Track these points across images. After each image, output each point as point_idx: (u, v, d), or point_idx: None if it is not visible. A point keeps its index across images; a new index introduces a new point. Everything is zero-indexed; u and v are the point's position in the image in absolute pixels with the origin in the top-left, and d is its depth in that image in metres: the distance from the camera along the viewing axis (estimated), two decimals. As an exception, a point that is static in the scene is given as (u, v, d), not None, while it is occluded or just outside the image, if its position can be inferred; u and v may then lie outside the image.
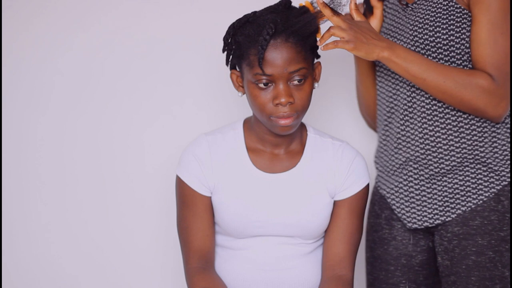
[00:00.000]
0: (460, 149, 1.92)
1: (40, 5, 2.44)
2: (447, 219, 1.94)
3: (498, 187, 1.92)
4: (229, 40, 1.93)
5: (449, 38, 1.89)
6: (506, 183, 1.92)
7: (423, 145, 1.94)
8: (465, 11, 1.88)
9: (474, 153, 1.92)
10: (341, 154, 2.01)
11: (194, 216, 1.99)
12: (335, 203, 2.01)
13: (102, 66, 2.45)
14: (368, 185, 2.03)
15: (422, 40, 1.91)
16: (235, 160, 1.99)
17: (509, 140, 1.94)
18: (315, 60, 1.96)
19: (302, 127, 2.04)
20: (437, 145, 1.93)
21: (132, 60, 2.44)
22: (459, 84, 1.84)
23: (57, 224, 2.48)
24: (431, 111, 1.94)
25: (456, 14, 1.89)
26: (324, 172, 2.00)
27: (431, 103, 1.94)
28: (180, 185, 2.01)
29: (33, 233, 2.48)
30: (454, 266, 1.94)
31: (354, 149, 2.04)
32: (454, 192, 1.94)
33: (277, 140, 1.99)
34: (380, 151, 2.09)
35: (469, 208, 1.92)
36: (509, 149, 1.94)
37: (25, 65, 2.45)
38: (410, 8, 1.96)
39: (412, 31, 1.93)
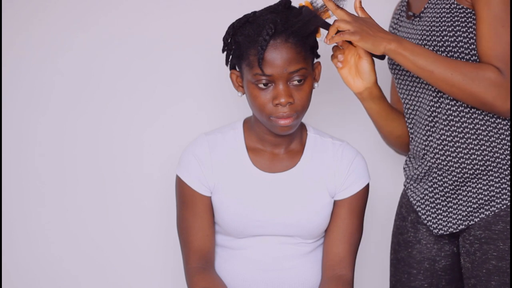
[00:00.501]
0: (481, 151, 1.90)
1: (40, 5, 2.44)
2: (470, 223, 1.93)
3: None
4: (229, 40, 1.93)
5: (457, 40, 1.88)
6: None
7: (443, 151, 1.93)
8: (468, 10, 1.88)
9: (495, 155, 1.90)
10: (341, 153, 2.01)
11: (194, 216, 1.99)
12: (335, 202, 2.01)
13: (102, 66, 2.45)
14: (368, 185, 2.03)
15: (432, 47, 1.90)
16: (235, 160, 1.99)
17: None
18: (315, 60, 1.96)
19: (302, 126, 2.04)
20: (456, 150, 1.91)
21: (132, 60, 2.44)
22: (467, 77, 1.83)
23: (57, 224, 2.48)
24: (446, 116, 1.92)
25: (460, 15, 1.88)
26: (324, 171, 2.00)
27: (452, 108, 1.92)
28: (180, 185, 2.01)
29: (33, 233, 2.48)
30: (474, 270, 1.92)
31: (354, 149, 2.04)
32: (478, 197, 1.91)
33: (277, 140, 1.99)
34: (408, 158, 2.08)
35: (492, 213, 1.91)
36: None
37: (25, 65, 2.44)
38: (418, 19, 1.96)
39: (421, 40, 1.92)
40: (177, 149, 2.26)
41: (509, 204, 1.90)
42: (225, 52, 1.95)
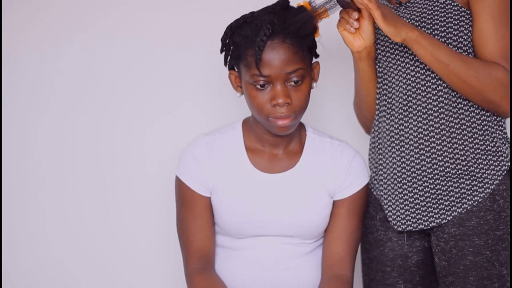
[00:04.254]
0: (453, 154, 1.92)
1: (40, 5, 2.45)
2: (442, 222, 1.94)
3: (492, 187, 1.92)
4: (227, 41, 1.93)
5: (447, 36, 1.89)
6: (498, 181, 1.92)
7: (417, 144, 1.94)
8: (463, 9, 1.88)
9: (466, 153, 1.92)
10: (340, 153, 2.01)
11: (194, 217, 1.99)
12: (334, 202, 2.01)
13: (102, 66, 2.45)
14: (367, 184, 2.03)
15: None
16: (234, 160, 1.99)
17: (493, 140, 1.94)
18: (314, 60, 1.96)
19: (301, 126, 2.04)
20: (430, 145, 1.92)
21: (132, 60, 2.45)
22: (479, 74, 1.84)
23: (57, 224, 2.49)
24: (426, 109, 1.93)
25: (454, 12, 1.89)
26: (323, 171, 2.00)
27: (427, 101, 1.93)
28: (180, 186, 2.01)
29: (33, 233, 2.49)
30: (451, 267, 1.94)
31: (353, 149, 2.04)
32: (449, 194, 1.93)
33: (276, 140, 1.99)
34: (374, 151, 2.08)
35: (465, 210, 1.92)
36: (498, 150, 1.94)
37: (25, 65, 2.45)
38: (404, 7, 1.95)
39: None
40: (177, 149, 2.26)
41: (480, 200, 1.92)
42: (223, 53, 1.95)
